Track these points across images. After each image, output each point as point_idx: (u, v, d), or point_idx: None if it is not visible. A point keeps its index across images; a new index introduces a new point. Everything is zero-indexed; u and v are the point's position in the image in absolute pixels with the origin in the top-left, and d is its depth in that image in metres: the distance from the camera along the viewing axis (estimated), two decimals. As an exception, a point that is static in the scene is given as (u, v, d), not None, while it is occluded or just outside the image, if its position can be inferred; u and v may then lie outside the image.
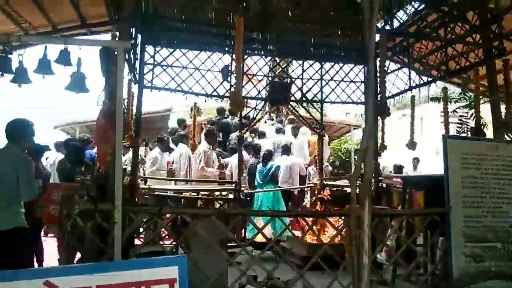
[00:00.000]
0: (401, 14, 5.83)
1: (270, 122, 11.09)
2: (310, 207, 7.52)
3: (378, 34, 4.89)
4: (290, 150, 8.78)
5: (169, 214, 4.26)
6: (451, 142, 3.30)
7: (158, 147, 8.12)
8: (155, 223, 4.00)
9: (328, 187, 7.13)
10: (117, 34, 3.43)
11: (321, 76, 6.91)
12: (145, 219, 3.99)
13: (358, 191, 2.41)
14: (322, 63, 6.90)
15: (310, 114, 7.66)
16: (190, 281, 2.06)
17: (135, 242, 4.33)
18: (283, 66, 7.56)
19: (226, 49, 6.32)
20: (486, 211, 3.22)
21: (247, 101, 7.02)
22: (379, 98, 4.89)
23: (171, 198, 6.56)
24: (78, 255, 3.27)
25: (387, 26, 5.79)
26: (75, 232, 2.80)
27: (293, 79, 6.98)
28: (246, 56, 6.43)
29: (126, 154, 7.27)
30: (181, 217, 3.85)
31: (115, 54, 2.31)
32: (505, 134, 4.44)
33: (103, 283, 1.93)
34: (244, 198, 6.96)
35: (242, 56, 4.49)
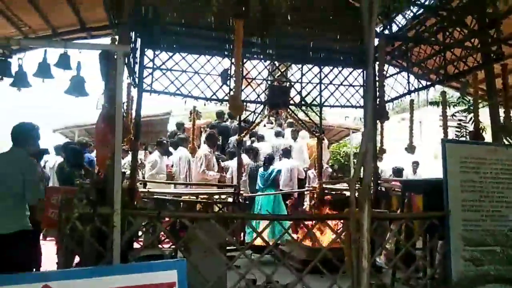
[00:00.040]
0: (400, 19, 5.85)
1: (269, 125, 11.10)
2: (310, 211, 7.51)
3: (377, 39, 4.91)
4: (290, 154, 8.78)
5: (168, 218, 4.26)
6: (450, 146, 3.32)
7: (158, 151, 8.12)
8: (154, 227, 3.99)
9: (327, 191, 7.14)
10: (116, 38, 3.45)
11: (320, 80, 6.92)
12: (144, 223, 3.99)
13: (357, 195, 2.41)
14: (321, 67, 6.92)
15: (309, 118, 7.67)
16: (189, 284, 2.06)
17: (134, 245, 4.33)
18: (282, 70, 7.57)
19: (226, 53, 6.33)
20: (485, 215, 3.24)
21: (246, 104, 7.04)
22: (378, 102, 4.90)
23: (170, 201, 6.55)
24: (77, 259, 3.26)
25: (386, 30, 5.81)
26: (74, 235, 2.80)
27: (292, 83, 6.99)
28: (245, 60, 6.46)
29: (125, 158, 7.27)
30: (180, 220, 3.84)
31: (115, 58, 2.32)
32: (503, 138, 4.45)
33: (102, 287, 1.93)
34: (243, 201, 6.96)
35: (241, 60, 4.51)
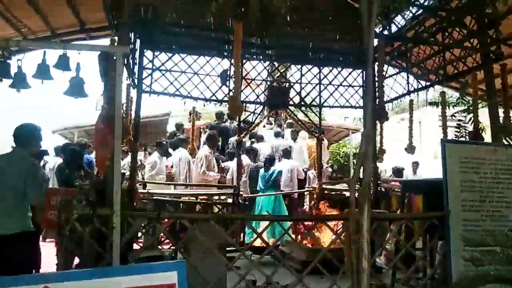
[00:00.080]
0: (399, 19, 5.85)
1: (268, 126, 11.09)
2: (309, 211, 7.51)
3: (376, 39, 4.91)
4: (291, 154, 8.78)
5: (167, 219, 4.25)
6: (450, 146, 3.32)
7: (157, 152, 8.12)
8: (154, 228, 3.99)
9: (327, 191, 7.13)
10: (116, 39, 3.45)
11: (319, 80, 6.92)
12: (143, 224, 3.98)
13: (357, 195, 2.41)
14: (321, 68, 6.92)
15: (309, 118, 7.68)
16: (189, 285, 2.05)
17: (134, 246, 4.33)
18: (282, 71, 7.57)
19: (225, 53, 6.33)
20: (485, 215, 3.24)
21: (246, 105, 7.03)
22: (378, 103, 4.90)
23: (170, 202, 6.54)
24: (77, 260, 3.26)
25: (385, 31, 5.81)
26: (74, 237, 2.79)
27: (291, 84, 7.00)
28: (244, 60, 6.46)
29: (125, 159, 7.27)
30: (180, 221, 3.83)
31: (114, 59, 2.32)
32: (503, 138, 4.45)
33: (102, 289, 1.93)
34: (242, 202, 6.95)
35: (240, 60, 4.51)
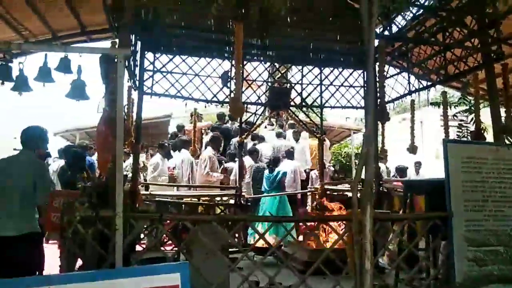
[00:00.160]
0: (399, 20, 5.85)
1: (270, 127, 11.09)
2: (311, 212, 7.50)
3: (377, 39, 4.91)
4: (293, 155, 8.78)
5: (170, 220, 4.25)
6: (452, 146, 3.31)
7: (159, 153, 8.13)
8: (156, 229, 3.99)
9: (329, 192, 7.13)
10: (117, 41, 3.45)
11: (320, 81, 6.93)
12: (146, 225, 3.99)
13: (360, 196, 2.40)
14: (322, 68, 6.93)
15: (310, 119, 7.68)
16: (192, 287, 2.05)
17: (137, 248, 4.33)
18: (283, 72, 7.58)
19: (226, 55, 6.35)
20: (488, 215, 3.22)
21: (247, 106, 7.04)
22: (379, 103, 4.90)
23: (172, 204, 6.55)
24: (79, 262, 3.26)
25: (386, 31, 5.81)
26: (76, 239, 2.79)
27: (292, 84, 7.00)
28: (245, 61, 6.46)
29: (127, 160, 7.28)
30: (182, 222, 3.84)
31: (115, 61, 2.32)
32: (505, 138, 4.44)
33: (105, 291, 1.93)
34: (244, 203, 6.95)
35: (241, 62, 4.51)
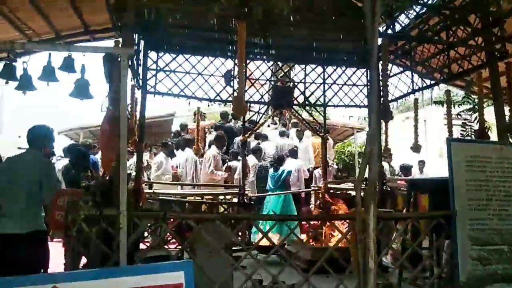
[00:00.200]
0: (402, 18, 5.84)
1: (273, 126, 11.09)
2: (315, 210, 7.50)
3: (380, 38, 4.90)
4: (297, 154, 8.78)
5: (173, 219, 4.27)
6: (455, 145, 3.29)
7: (163, 152, 8.15)
8: (160, 228, 4.01)
9: (332, 190, 7.13)
10: (120, 41, 3.47)
11: (323, 80, 6.91)
12: (150, 224, 4.00)
13: (363, 195, 2.40)
14: (325, 67, 6.91)
15: (313, 118, 7.67)
16: (196, 285, 2.06)
17: (141, 246, 4.35)
18: (286, 71, 7.57)
19: (229, 54, 6.34)
20: (492, 214, 3.21)
21: (250, 105, 7.04)
22: (382, 102, 4.89)
23: (176, 202, 6.57)
24: (84, 260, 3.28)
25: (389, 30, 5.80)
26: (81, 237, 2.81)
27: (295, 83, 7.00)
28: (248, 60, 6.47)
29: (131, 159, 7.30)
30: (186, 221, 3.85)
31: (119, 60, 2.33)
32: (509, 136, 4.42)
33: (109, 289, 1.94)
34: (248, 202, 6.96)
35: (244, 61, 4.52)
